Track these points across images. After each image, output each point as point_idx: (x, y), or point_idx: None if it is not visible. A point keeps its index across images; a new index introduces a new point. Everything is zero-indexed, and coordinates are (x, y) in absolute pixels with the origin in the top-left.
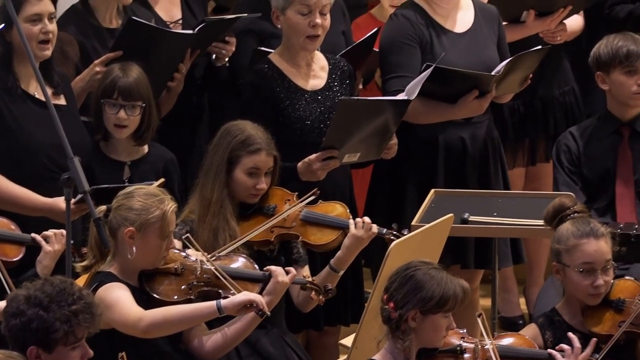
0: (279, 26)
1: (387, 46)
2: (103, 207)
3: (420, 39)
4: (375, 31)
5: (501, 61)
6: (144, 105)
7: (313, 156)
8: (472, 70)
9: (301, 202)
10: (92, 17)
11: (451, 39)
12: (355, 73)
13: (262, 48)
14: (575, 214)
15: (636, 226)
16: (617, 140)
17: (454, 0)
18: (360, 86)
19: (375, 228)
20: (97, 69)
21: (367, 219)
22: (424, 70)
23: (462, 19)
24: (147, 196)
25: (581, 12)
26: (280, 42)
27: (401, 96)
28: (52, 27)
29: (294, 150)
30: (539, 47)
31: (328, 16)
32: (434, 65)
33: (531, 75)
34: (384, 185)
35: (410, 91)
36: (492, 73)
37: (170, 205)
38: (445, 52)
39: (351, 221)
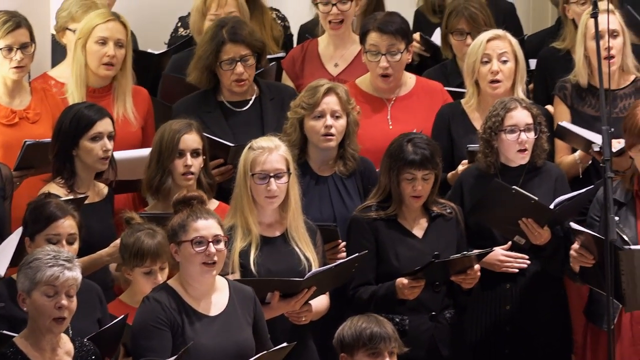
0: (25, 309)
1: (138, 330)
2: None
3: (171, 323)
4: (124, 317)
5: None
6: None
7: None
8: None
9: None
10: None
11: (204, 322)
12: None
13: (6, 332)
14: None
15: None
16: None
17: (207, 283)
18: None
19: None
20: None
21: None
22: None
23: (217, 301)
24: None
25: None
26: None
27: None
28: None
29: None
30: (285, 344)
31: (74, 298)
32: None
33: None
34: None
35: None
36: None
37: None
38: (197, 336)
39: None
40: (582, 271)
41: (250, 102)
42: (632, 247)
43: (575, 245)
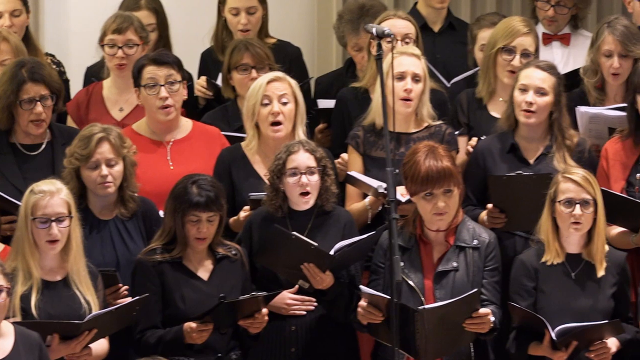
0: None
1: None
2: None
3: None
4: None
5: None
6: None
7: None
8: None
9: None
10: None
11: None
12: None
13: None
14: None
15: None
16: None
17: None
18: None
19: None
20: None
21: None
22: None
23: (0, 347)
24: None
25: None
26: None
27: None
28: None
29: None
30: None
31: None
32: None
33: None
34: None
35: None
36: None
37: None
38: None
39: None
40: (370, 325)
41: (43, 147)
42: (426, 307)
43: (363, 303)
